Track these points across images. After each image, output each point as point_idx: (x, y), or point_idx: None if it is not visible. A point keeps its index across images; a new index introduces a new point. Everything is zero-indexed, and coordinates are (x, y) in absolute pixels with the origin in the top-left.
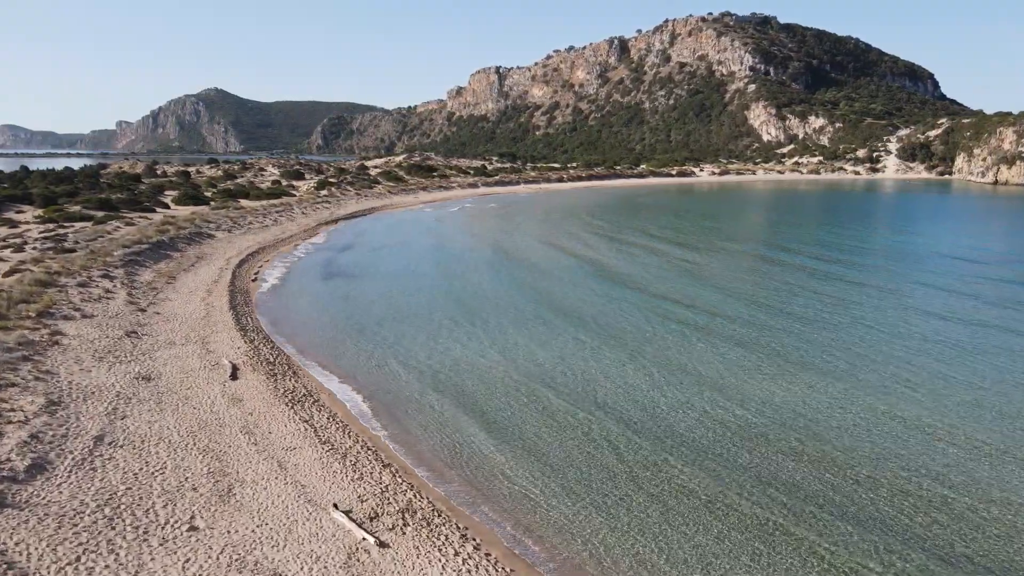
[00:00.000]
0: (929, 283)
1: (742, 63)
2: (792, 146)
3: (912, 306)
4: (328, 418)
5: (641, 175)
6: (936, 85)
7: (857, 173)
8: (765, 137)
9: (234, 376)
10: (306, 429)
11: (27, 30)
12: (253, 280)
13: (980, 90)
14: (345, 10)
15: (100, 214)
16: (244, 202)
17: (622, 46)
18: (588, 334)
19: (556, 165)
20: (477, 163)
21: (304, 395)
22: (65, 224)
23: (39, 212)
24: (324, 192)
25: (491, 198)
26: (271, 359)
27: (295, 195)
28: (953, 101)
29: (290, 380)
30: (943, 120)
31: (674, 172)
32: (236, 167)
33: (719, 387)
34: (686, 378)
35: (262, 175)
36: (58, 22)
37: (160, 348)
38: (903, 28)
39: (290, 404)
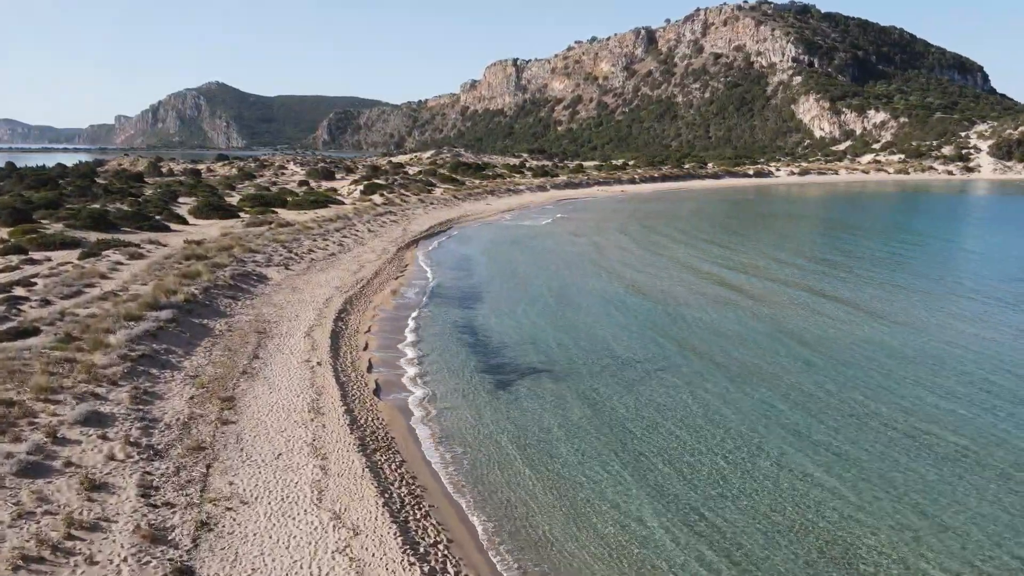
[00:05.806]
0: None
1: (784, 54)
2: (849, 142)
3: None
4: None
5: (716, 175)
6: (986, 78)
7: (950, 173)
8: (817, 133)
9: None
10: None
11: (26, 24)
12: (375, 390)
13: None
14: (348, 2)
15: (92, 237)
16: (283, 213)
17: (649, 37)
18: None
19: (619, 162)
20: (512, 160)
21: None
22: (37, 258)
23: (5, 234)
24: (379, 199)
25: (571, 204)
26: None
27: (344, 202)
28: (1004, 96)
29: None
30: None
31: (751, 172)
32: (252, 164)
33: None
34: None
35: (283, 174)
36: (56, 15)
37: None
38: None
39: None
